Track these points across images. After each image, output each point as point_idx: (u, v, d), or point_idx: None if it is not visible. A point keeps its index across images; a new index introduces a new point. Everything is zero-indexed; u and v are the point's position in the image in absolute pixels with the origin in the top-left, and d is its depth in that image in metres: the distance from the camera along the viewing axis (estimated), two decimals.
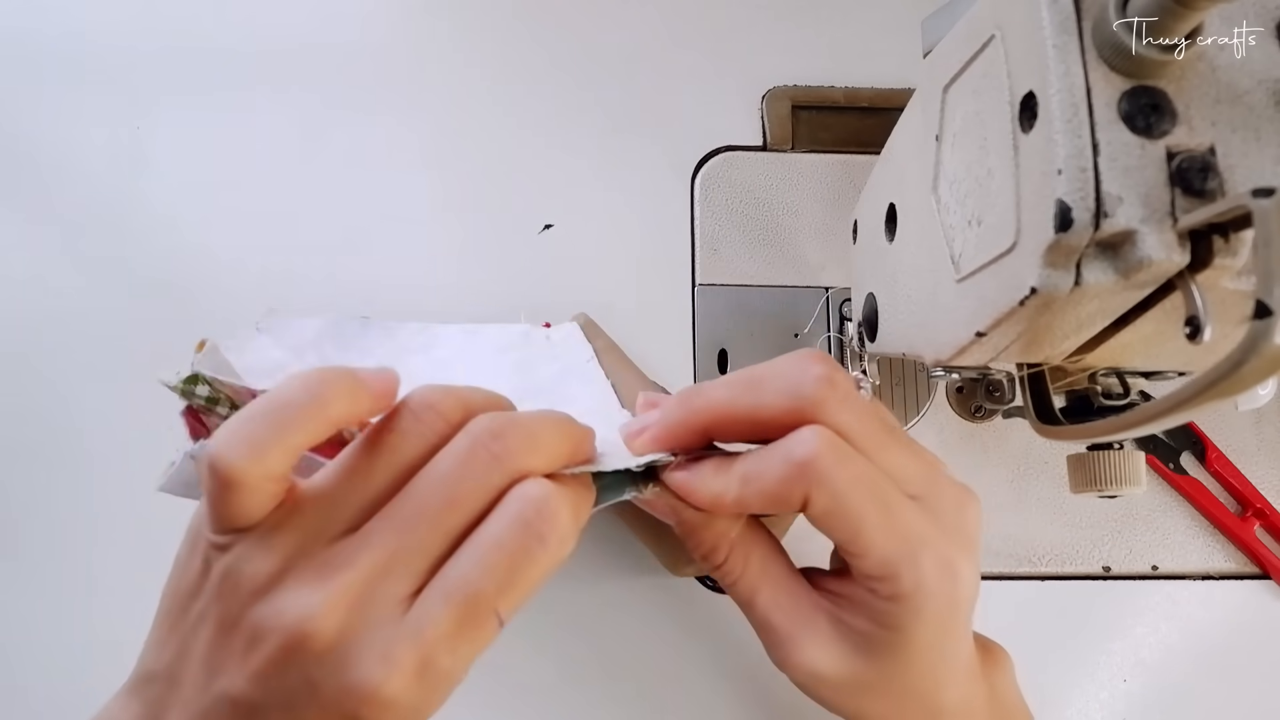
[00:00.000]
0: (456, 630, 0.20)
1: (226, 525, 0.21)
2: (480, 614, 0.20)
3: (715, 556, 0.27)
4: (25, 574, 0.45)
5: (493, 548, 0.21)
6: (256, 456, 0.20)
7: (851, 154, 0.51)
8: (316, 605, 0.20)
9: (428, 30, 0.54)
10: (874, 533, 0.24)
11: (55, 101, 0.51)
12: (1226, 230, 0.19)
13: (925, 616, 0.24)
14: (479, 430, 0.22)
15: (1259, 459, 0.47)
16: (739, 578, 0.27)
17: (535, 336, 0.39)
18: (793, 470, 0.23)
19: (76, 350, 0.48)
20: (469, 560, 0.21)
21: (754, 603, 0.27)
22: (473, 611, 0.20)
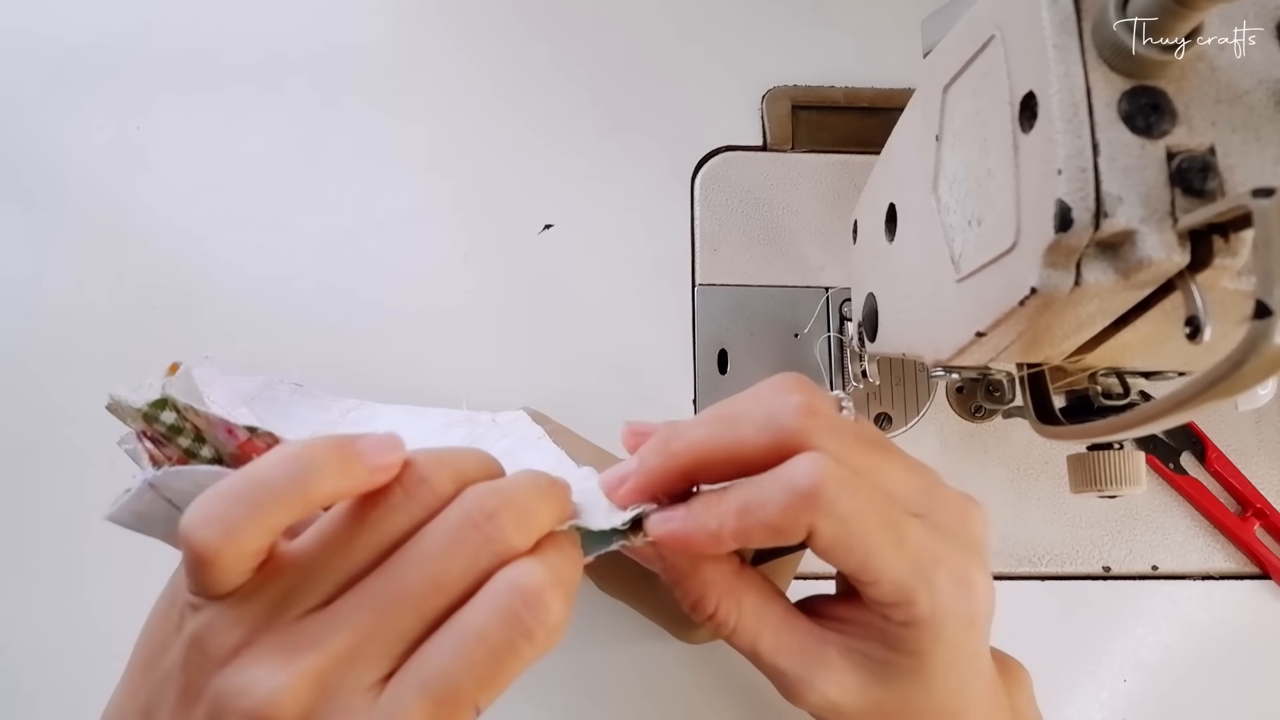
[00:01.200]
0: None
1: (201, 590, 0.20)
2: (457, 708, 0.19)
3: (705, 606, 0.25)
4: (24, 574, 0.45)
5: (477, 641, 0.19)
6: (230, 537, 0.19)
7: (851, 154, 0.51)
8: (280, 687, 0.19)
9: (428, 31, 0.54)
10: (885, 558, 0.23)
11: (55, 101, 0.51)
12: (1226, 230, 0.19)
13: (945, 637, 0.23)
14: (471, 507, 0.21)
15: (1259, 459, 0.47)
16: (735, 626, 0.25)
17: (480, 419, 0.37)
18: (796, 499, 0.22)
19: (75, 350, 0.48)
20: (449, 651, 0.19)
21: (757, 651, 0.25)
22: (449, 705, 0.19)
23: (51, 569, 0.45)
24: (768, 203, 0.50)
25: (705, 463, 0.24)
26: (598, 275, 0.49)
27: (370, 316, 0.48)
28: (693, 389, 0.47)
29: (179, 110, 0.52)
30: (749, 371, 0.48)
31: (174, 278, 0.49)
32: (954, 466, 0.46)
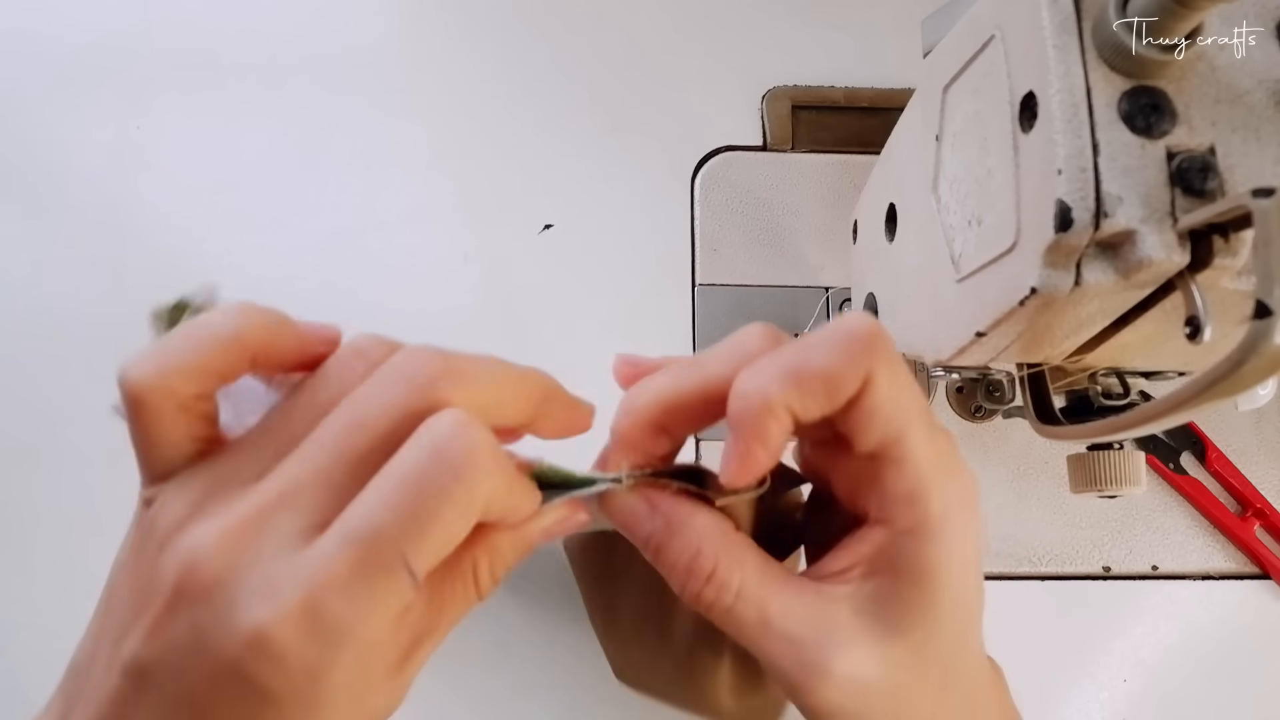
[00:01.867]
0: (354, 572, 0.18)
1: (148, 467, 0.20)
2: (383, 556, 0.18)
3: (702, 564, 0.22)
4: (25, 573, 0.45)
5: (398, 481, 0.18)
6: (160, 373, 0.19)
7: (851, 154, 0.51)
8: (206, 538, 0.18)
9: (428, 31, 0.54)
10: (919, 436, 0.21)
11: (55, 101, 0.51)
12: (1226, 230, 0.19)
13: (951, 556, 0.21)
14: (398, 358, 0.20)
15: (1259, 459, 0.47)
16: (738, 589, 0.22)
17: None
18: (856, 343, 0.20)
19: (75, 350, 0.48)
20: (372, 495, 0.18)
21: (766, 617, 0.22)
22: (374, 552, 0.18)
23: (51, 569, 0.45)
24: (768, 203, 0.50)
25: (674, 406, 0.22)
26: (598, 275, 0.49)
27: (370, 316, 0.48)
28: None
29: (179, 110, 0.52)
30: None
31: (174, 278, 0.49)
32: None
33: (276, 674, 0.17)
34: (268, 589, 0.17)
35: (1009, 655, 0.30)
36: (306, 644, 0.17)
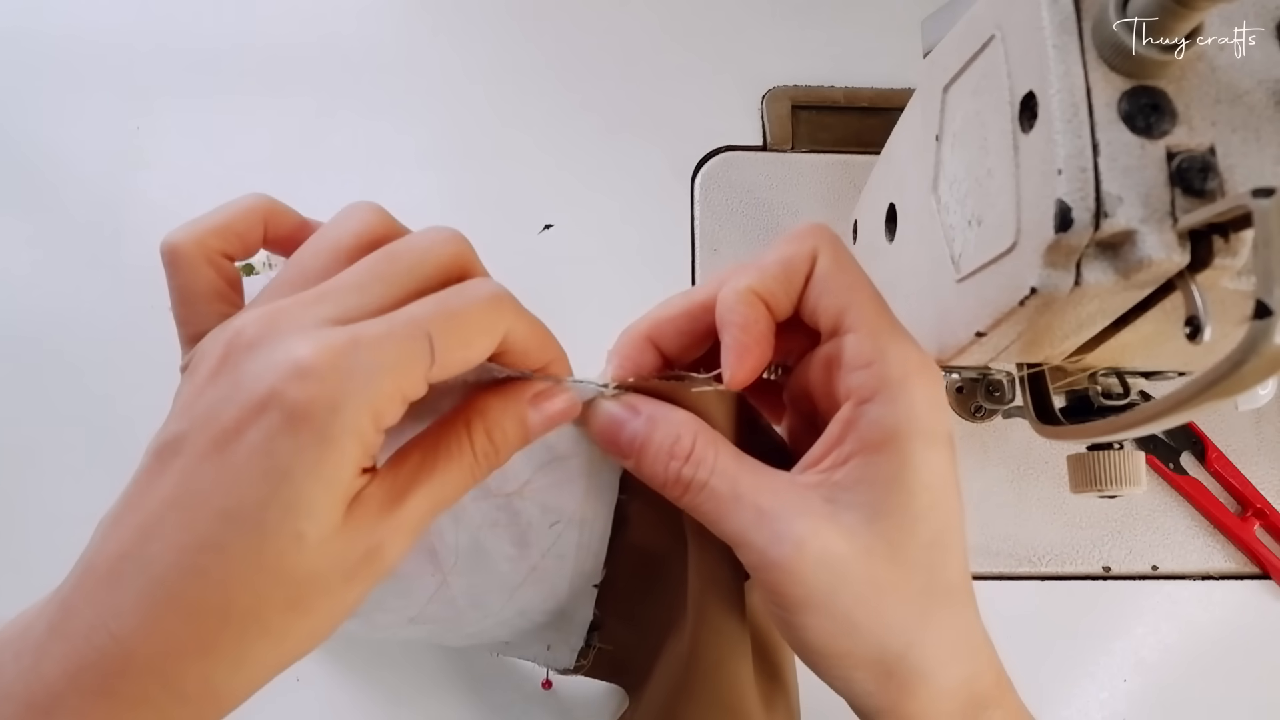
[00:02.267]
0: (386, 332, 0.20)
1: (185, 326, 0.24)
2: (413, 329, 0.20)
3: (681, 445, 0.24)
4: (25, 574, 0.45)
5: (439, 295, 0.21)
6: (191, 231, 0.24)
7: (851, 154, 0.51)
8: (250, 316, 0.20)
9: (428, 30, 0.54)
10: (867, 303, 0.24)
11: (55, 101, 0.51)
12: (1226, 230, 0.19)
13: (916, 421, 0.23)
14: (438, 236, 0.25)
15: (1259, 459, 0.47)
16: (714, 465, 0.24)
17: None
18: (801, 232, 0.25)
19: (75, 350, 0.48)
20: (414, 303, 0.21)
21: (738, 492, 0.23)
22: (407, 325, 0.20)
23: (51, 570, 0.45)
24: (768, 203, 0.50)
25: (663, 321, 0.26)
26: (598, 275, 0.49)
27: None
28: None
29: (179, 110, 0.52)
30: None
31: None
32: None
33: (307, 391, 0.19)
34: (308, 335, 0.19)
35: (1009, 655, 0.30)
36: (334, 375, 0.19)
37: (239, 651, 0.20)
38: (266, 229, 0.26)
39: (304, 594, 0.20)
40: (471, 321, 0.21)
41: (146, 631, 0.19)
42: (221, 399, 0.20)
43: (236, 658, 0.20)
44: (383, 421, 0.20)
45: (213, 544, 0.19)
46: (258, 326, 0.20)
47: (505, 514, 0.28)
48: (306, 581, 0.20)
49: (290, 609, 0.20)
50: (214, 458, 0.19)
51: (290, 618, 0.20)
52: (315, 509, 0.19)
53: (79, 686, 0.19)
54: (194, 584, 0.19)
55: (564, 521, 0.29)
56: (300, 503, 0.19)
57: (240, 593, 0.19)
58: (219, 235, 0.25)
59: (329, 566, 0.20)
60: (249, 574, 0.19)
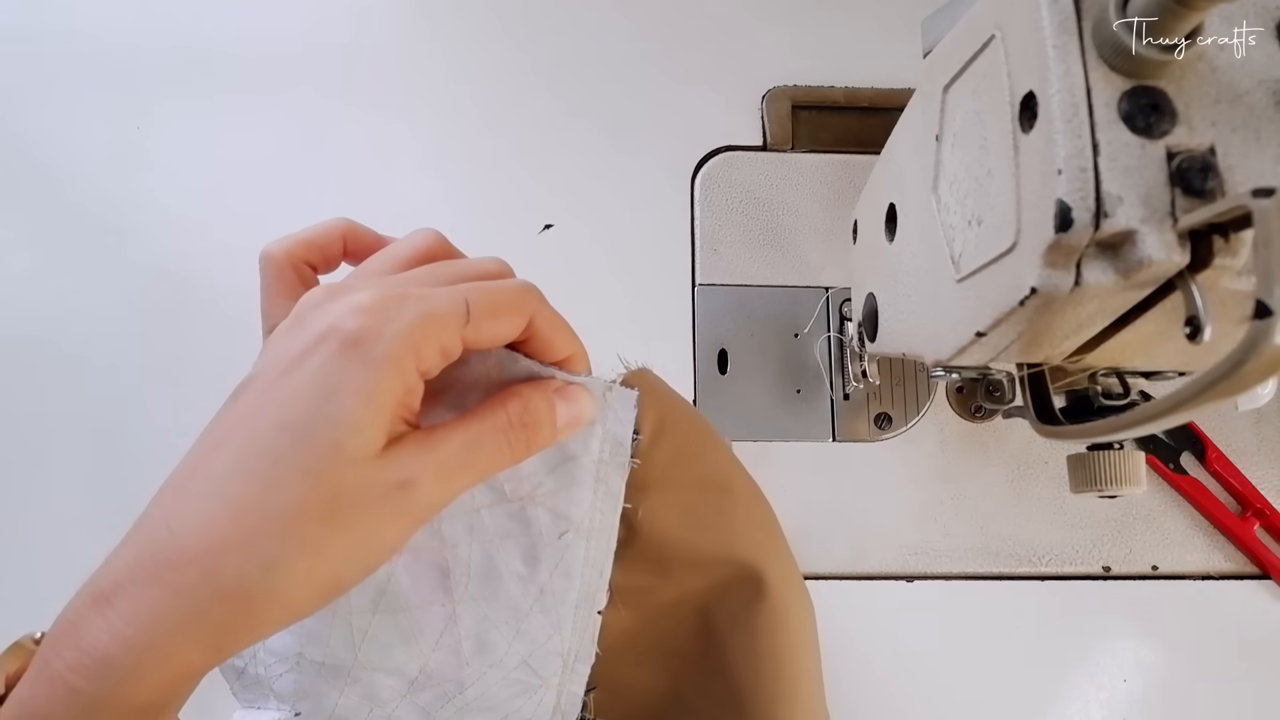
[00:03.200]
0: (431, 292, 0.23)
1: (268, 319, 0.28)
2: (453, 293, 0.24)
3: None
4: (25, 574, 0.45)
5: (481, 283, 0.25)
6: (283, 243, 0.28)
7: (851, 154, 0.51)
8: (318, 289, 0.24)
9: (428, 31, 0.54)
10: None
11: (56, 101, 0.51)
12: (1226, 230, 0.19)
13: None
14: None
15: (1259, 459, 0.47)
16: None
17: None
18: None
19: (75, 349, 0.48)
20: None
21: None
22: (448, 290, 0.24)
23: (51, 570, 0.45)
24: (768, 203, 0.50)
25: None
26: (598, 275, 0.49)
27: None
28: (693, 389, 0.47)
29: (180, 110, 0.52)
30: (749, 371, 0.48)
31: (174, 277, 0.49)
32: (954, 466, 0.46)
33: (359, 322, 0.22)
34: (368, 287, 0.23)
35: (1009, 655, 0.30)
36: (384, 312, 0.22)
37: (275, 553, 0.21)
38: (345, 244, 0.30)
39: (339, 506, 0.22)
40: (504, 298, 0.25)
41: (196, 526, 0.21)
42: (290, 341, 0.23)
43: (272, 560, 0.21)
44: (422, 361, 0.23)
45: (265, 451, 0.22)
46: (325, 293, 0.24)
47: (517, 523, 0.29)
48: (341, 493, 0.22)
49: (325, 520, 0.22)
50: (278, 383, 0.22)
51: (325, 530, 0.22)
52: (355, 424, 0.22)
53: (135, 575, 0.21)
54: (242, 485, 0.21)
55: (573, 530, 0.29)
56: (342, 417, 0.21)
57: (280, 495, 0.21)
58: (305, 247, 0.29)
59: (363, 483, 0.22)
60: (290, 478, 0.21)
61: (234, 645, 0.22)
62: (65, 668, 0.21)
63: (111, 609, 0.21)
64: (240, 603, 0.21)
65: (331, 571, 0.22)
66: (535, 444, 0.26)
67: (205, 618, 0.21)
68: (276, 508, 0.21)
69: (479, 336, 0.24)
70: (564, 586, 0.30)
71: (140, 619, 0.21)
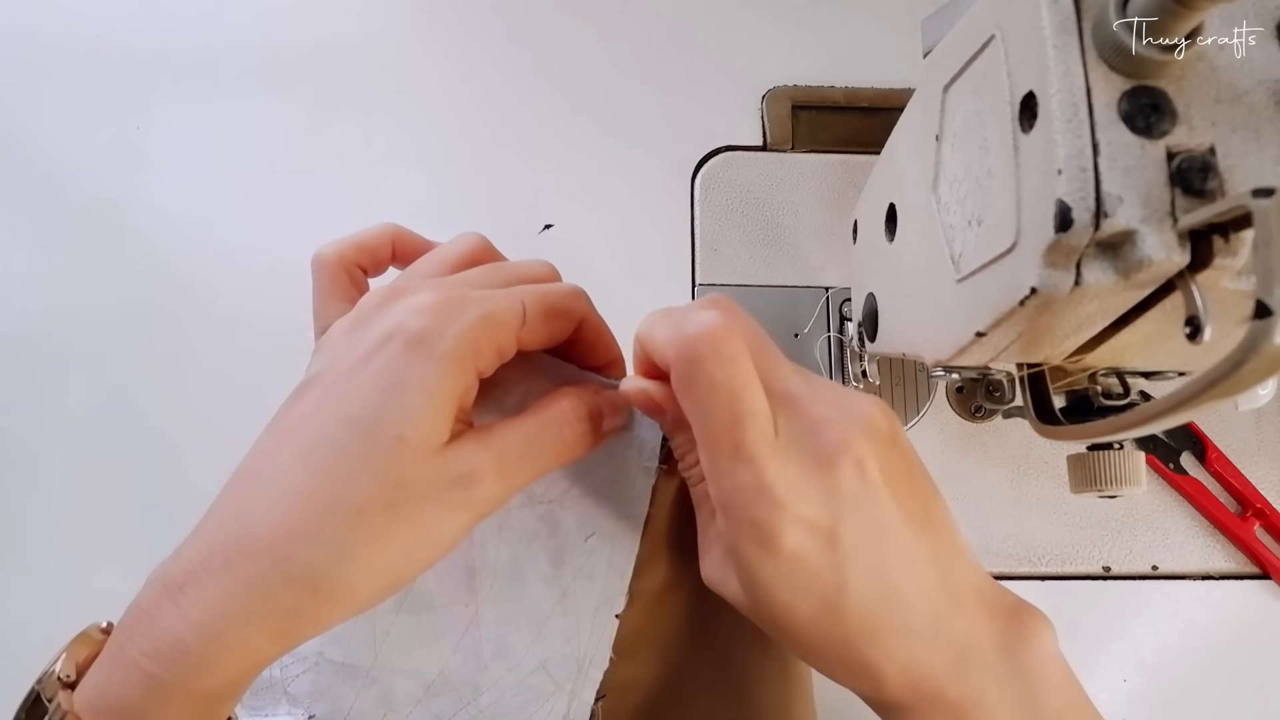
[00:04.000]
0: (490, 294, 0.25)
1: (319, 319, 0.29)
2: (510, 295, 0.25)
3: None
4: (25, 573, 0.45)
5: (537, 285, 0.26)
6: (334, 246, 0.30)
7: (851, 154, 0.51)
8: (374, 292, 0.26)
9: (428, 30, 0.54)
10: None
11: (56, 101, 0.51)
12: (1226, 230, 0.19)
13: None
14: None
15: (1259, 459, 0.47)
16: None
17: None
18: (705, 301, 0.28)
19: (75, 349, 0.48)
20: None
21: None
22: (506, 292, 0.25)
23: (51, 569, 0.45)
24: (768, 203, 0.50)
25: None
26: (598, 275, 0.49)
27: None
28: None
29: (180, 110, 0.52)
30: None
31: (174, 277, 0.49)
32: (954, 466, 0.46)
33: (423, 321, 0.23)
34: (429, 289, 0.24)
35: None
36: (447, 312, 0.23)
37: (341, 542, 0.22)
38: (394, 248, 0.31)
39: (402, 497, 0.22)
40: (557, 300, 0.26)
41: (266, 516, 0.22)
42: (354, 342, 0.24)
43: (339, 548, 0.22)
44: (480, 360, 0.24)
45: (332, 443, 0.22)
46: (384, 294, 0.25)
47: (546, 525, 0.29)
48: (405, 484, 0.22)
49: (389, 510, 0.22)
50: (344, 382, 0.23)
51: (389, 520, 0.22)
52: (418, 417, 0.23)
53: (207, 564, 0.22)
54: (310, 476, 0.22)
55: (599, 534, 0.30)
56: (406, 410, 0.22)
57: (347, 485, 0.22)
58: (356, 250, 0.30)
59: (426, 476, 0.23)
60: (356, 470, 0.22)
61: (300, 635, 0.23)
62: (140, 654, 0.22)
63: (185, 597, 0.22)
64: (308, 590, 0.22)
65: (394, 563, 0.23)
66: (587, 442, 0.27)
67: (275, 604, 0.22)
68: (344, 498, 0.22)
69: (534, 337, 0.25)
70: (586, 589, 0.30)
71: (213, 605, 0.22)
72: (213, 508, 0.24)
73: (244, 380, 0.47)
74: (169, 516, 0.42)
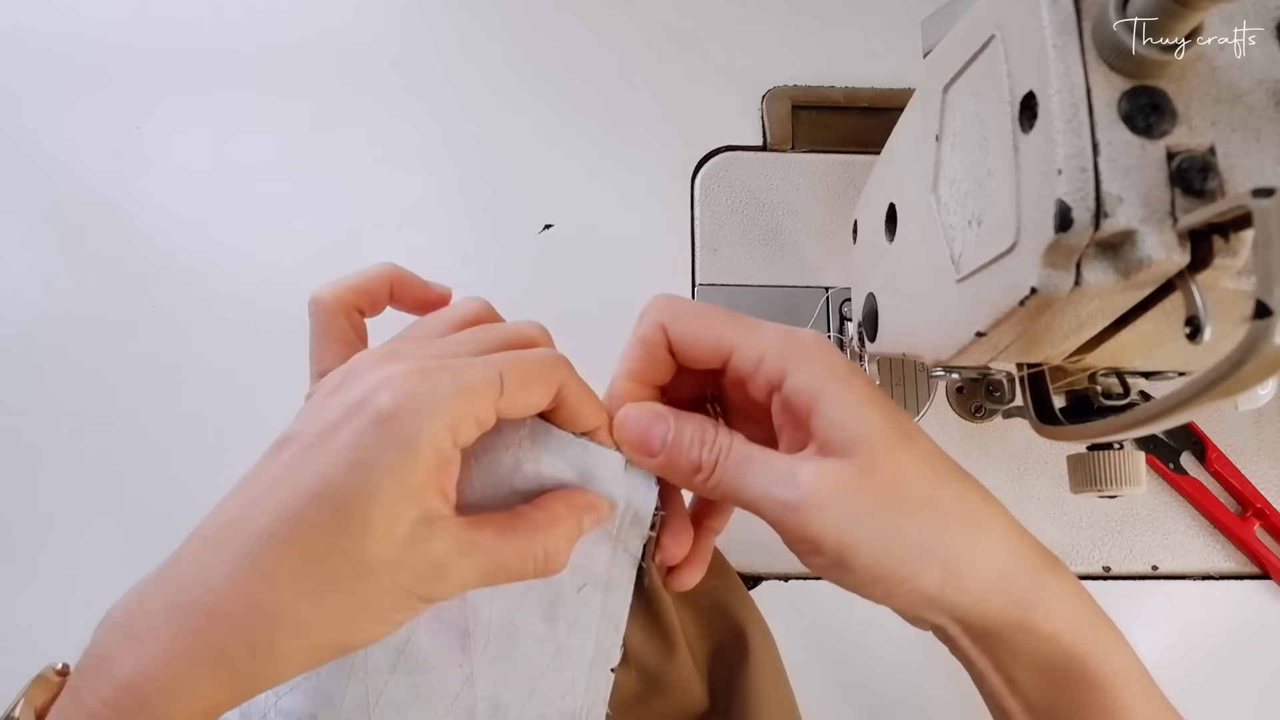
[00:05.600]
0: (466, 365, 0.24)
1: (316, 363, 0.29)
2: (487, 366, 0.24)
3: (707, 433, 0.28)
4: (25, 572, 0.45)
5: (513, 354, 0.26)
6: (333, 288, 0.30)
7: (851, 154, 0.51)
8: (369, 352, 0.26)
9: (428, 31, 0.54)
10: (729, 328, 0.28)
11: (55, 102, 0.51)
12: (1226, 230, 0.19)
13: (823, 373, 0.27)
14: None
15: (1259, 459, 0.47)
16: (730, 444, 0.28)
17: None
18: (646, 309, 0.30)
19: (75, 349, 0.48)
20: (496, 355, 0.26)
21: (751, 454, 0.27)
22: (482, 362, 0.25)
23: (51, 568, 0.45)
24: (768, 203, 0.50)
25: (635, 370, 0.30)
26: (598, 275, 0.49)
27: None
28: None
29: (180, 111, 0.52)
30: None
31: (174, 278, 0.49)
32: None
33: (396, 398, 0.23)
34: (409, 361, 0.24)
35: None
36: (421, 387, 0.23)
37: (304, 620, 0.22)
38: (392, 290, 0.31)
39: (364, 580, 0.22)
40: (534, 369, 0.26)
41: (231, 587, 0.22)
42: (330, 406, 0.24)
43: (297, 625, 0.22)
44: (458, 436, 0.24)
45: (299, 518, 0.22)
46: (374, 357, 0.25)
47: (539, 581, 0.29)
48: (368, 569, 0.22)
49: (350, 593, 0.23)
50: (315, 447, 0.23)
51: (347, 601, 0.23)
52: (385, 500, 0.22)
53: (175, 623, 0.22)
54: (277, 552, 0.22)
55: (591, 584, 0.30)
56: (373, 492, 0.22)
57: (310, 565, 0.22)
58: (353, 292, 0.30)
59: (390, 561, 0.23)
60: (321, 549, 0.22)
61: (253, 692, 0.23)
62: (99, 702, 0.22)
63: (144, 650, 0.22)
64: (268, 662, 0.23)
65: (348, 637, 0.24)
66: (563, 557, 0.27)
67: (233, 668, 0.22)
68: (308, 577, 0.22)
69: (513, 407, 0.25)
70: (580, 643, 0.30)
71: (172, 663, 0.22)
72: (175, 560, 0.24)
73: (241, 380, 0.47)
74: (165, 515, 0.42)
